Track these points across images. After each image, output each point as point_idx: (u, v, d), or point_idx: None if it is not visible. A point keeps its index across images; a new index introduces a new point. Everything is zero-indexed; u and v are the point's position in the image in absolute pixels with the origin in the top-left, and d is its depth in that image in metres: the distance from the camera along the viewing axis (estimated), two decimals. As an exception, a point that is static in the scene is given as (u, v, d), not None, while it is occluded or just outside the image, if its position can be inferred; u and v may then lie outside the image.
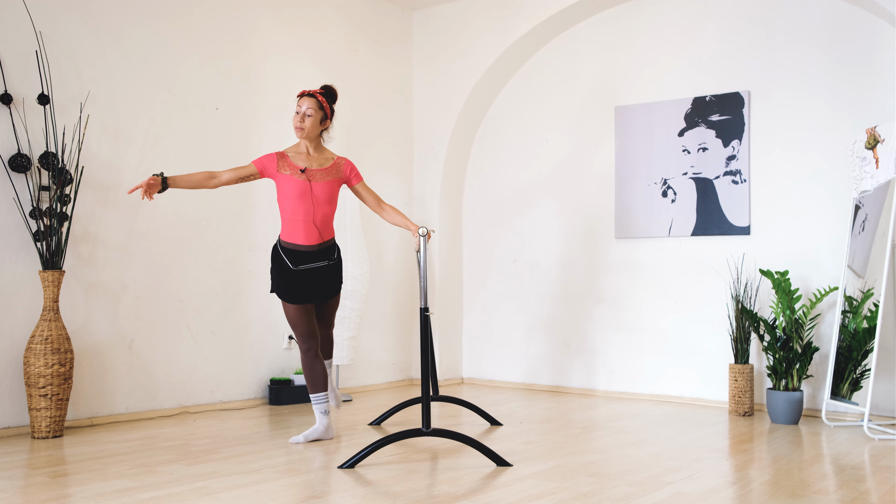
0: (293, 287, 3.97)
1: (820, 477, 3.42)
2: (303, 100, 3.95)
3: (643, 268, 5.75)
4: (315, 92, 3.98)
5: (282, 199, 3.96)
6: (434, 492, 3.12)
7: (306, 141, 3.99)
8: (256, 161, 3.96)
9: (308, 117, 3.93)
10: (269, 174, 3.96)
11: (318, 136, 4.03)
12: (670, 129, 5.63)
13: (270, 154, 3.98)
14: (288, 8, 5.69)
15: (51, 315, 4.17)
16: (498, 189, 6.50)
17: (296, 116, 3.94)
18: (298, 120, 3.93)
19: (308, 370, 4.06)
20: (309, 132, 3.95)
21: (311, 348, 4.05)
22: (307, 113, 3.93)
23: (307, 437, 4.05)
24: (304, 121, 3.93)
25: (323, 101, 3.98)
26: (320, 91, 4.01)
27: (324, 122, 4.00)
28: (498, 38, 6.20)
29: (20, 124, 4.28)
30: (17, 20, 4.31)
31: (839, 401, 4.65)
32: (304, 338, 4.03)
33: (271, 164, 3.94)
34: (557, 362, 6.12)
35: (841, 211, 5.00)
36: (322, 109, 3.97)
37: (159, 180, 3.76)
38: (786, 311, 4.78)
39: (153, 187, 3.73)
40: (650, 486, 3.21)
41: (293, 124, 3.96)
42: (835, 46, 5.05)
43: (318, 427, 4.10)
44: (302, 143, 4.01)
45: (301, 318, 4.00)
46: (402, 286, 6.46)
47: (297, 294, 3.97)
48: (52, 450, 3.86)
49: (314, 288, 4.01)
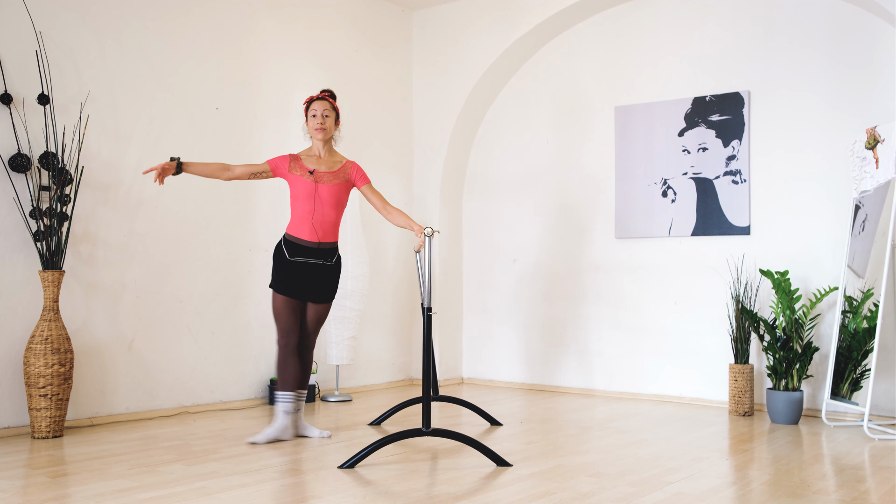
0: (285, 278, 4.04)
1: (820, 477, 3.42)
2: (316, 104, 4.09)
3: (643, 268, 5.75)
4: (326, 95, 4.13)
5: (292, 199, 4.10)
6: (434, 492, 3.12)
7: (320, 143, 4.10)
8: (270, 161, 4.10)
9: (326, 118, 4.08)
10: (280, 174, 4.10)
11: (331, 138, 4.16)
12: (670, 129, 5.63)
13: (284, 155, 4.12)
14: (288, 8, 5.69)
15: (51, 315, 4.17)
16: (498, 189, 6.51)
17: (313, 120, 4.07)
18: (318, 122, 4.06)
19: (281, 365, 4.08)
20: (329, 131, 4.10)
21: (288, 344, 4.08)
22: (324, 114, 4.07)
23: (266, 437, 4.03)
24: (324, 122, 4.07)
25: (333, 102, 4.14)
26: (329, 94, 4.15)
27: (336, 123, 4.15)
28: (498, 38, 6.20)
29: (20, 124, 4.28)
30: (17, 20, 4.31)
31: (839, 401, 4.65)
32: (284, 332, 4.07)
33: (284, 165, 4.08)
34: (557, 362, 6.12)
35: (841, 211, 5.00)
36: (334, 110, 4.12)
37: (174, 165, 3.90)
38: (786, 311, 4.78)
39: (167, 171, 3.89)
40: (650, 486, 3.21)
41: (310, 128, 4.09)
42: (835, 46, 5.05)
43: (277, 425, 4.06)
44: (315, 146, 4.13)
45: (286, 311, 4.06)
46: (402, 286, 6.46)
47: (287, 286, 4.03)
48: (52, 450, 3.86)
49: (305, 285, 4.06)
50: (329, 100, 4.11)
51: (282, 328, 4.07)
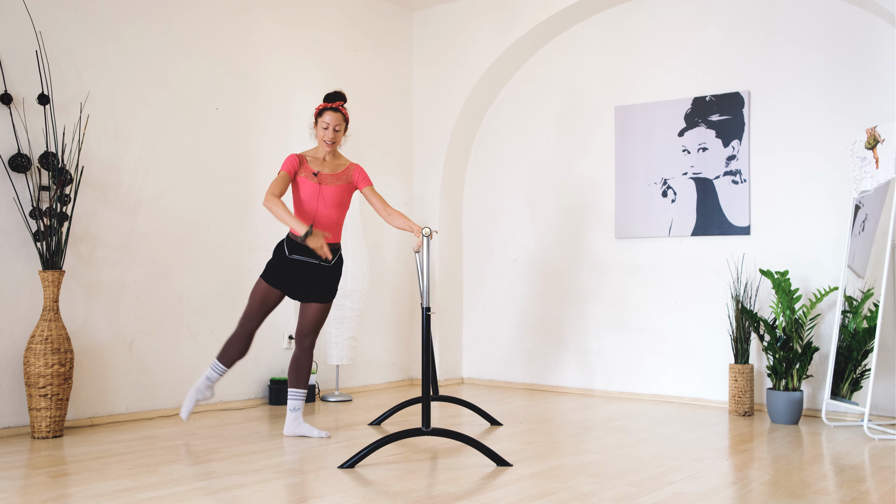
0: (278, 270, 4.08)
1: (820, 477, 3.42)
2: (328, 115, 4.08)
3: (643, 268, 5.75)
4: (339, 106, 4.12)
5: (295, 199, 4.12)
6: (434, 492, 3.12)
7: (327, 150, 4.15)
8: (284, 167, 4.07)
9: (336, 132, 4.10)
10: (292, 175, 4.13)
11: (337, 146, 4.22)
12: (670, 129, 5.63)
13: (292, 157, 4.10)
14: (288, 8, 5.69)
15: (51, 315, 4.17)
16: (498, 189, 6.51)
17: (325, 132, 4.09)
18: (330, 137, 4.08)
19: (230, 341, 4.16)
20: (338, 143, 4.14)
21: (244, 326, 4.14)
22: (335, 128, 4.09)
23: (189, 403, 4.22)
24: (335, 137, 4.10)
25: (345, 112, 4.15)
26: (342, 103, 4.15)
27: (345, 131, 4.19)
28: (498, 38, 6.20)
29: (20, 124, 4.28)
30: (17, 20, 4.31)
31: (839, 401, 4.65)
32: (247, 317, 4.12)
33: (294, 167, 4.10)
34: (557, 362, 6.12)
35: (841, 211, 5.00)
36: (345, 120, 4.14)
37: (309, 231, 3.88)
38: (786, 311, 4.78)
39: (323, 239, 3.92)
40: (650, 486, 3.21)
41: (319, 137, 4.11)
42: (835, 47, 5.05)
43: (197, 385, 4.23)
44: (321, 150, 4.15)
45: (259, 298, 4.09)
46: (402, 286, 6.46)
47: (276, 277, 4.08)
48: (52, 450, 3.86)
49: (297, 281, 4.09)
50: (342, 110, 4.11)
51: (247, 312, 4.13)
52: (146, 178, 4.81)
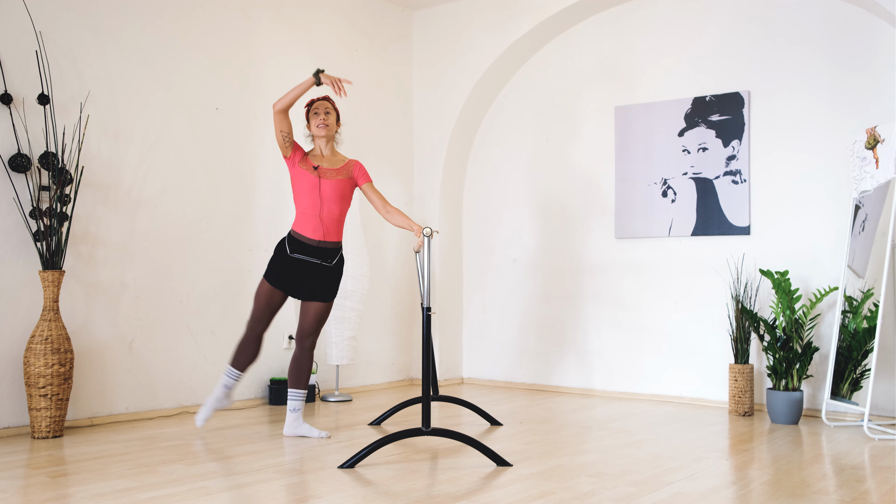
0: (279, 270, 4.10)
1: (820, 477, 3.42)
2: (317, 104, 4.18)
3: (643, 268, 5.75)
4: (325, 96, 4.23)
5: (295, 193, 4.15)
6: (434, 492, 3.12)
7: (323, 142, 4.18)
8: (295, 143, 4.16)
9: (328, 115, 4.16)
10: (293, 158, 4.15)
11: (334, 137, 4.24)
12: (670, 129, 5.63)
13: (300, 147, 4.19)
14: (288, 8, 5.69)
15: (51, 315, 4.17)
16: (498, 189, 6.51)
17: (315, 118, 4.15)
18: (321, 119, 4.14)
19: (241, 345, 4.20)
20: (332, 128, 4.18)
21: (253, 330, 4.18)
22: (326, 111, 4.16)
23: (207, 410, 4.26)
24: (327, 119, 4.15)
25: (333, 102, 4.22)
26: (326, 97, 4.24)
27: (337, 123, 4.24)
28: (498, 38, 6.20)
29: (20, 124, 4.28)
30: (17, 20, 4.31)
31: (839, 401, 4.65)
32: (255, 319, 4.16)
33: (298, 154, 4.15)
34: (557, 362, 6.12)
35: (841, 211, 5.00)
36: (335, 109, 4.22)
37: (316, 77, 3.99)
38: (786, 311, 4.78)
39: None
40: (650, 486, 3.21)
41: (313, 125, 4.15)
42: (834, 47, 5.05)
43: (214, 395, 4.26)
44: (318, 146, 4.20)
45: (264, 299, 4.13)
46: (402, 286, 6.46)
47: (278, 277, 4.10)
48: (52, 450, 3.86)
49: (299, 281, 4.10)
50: (329, 100, 4.21)
51: (253, 315, 4.17)
52: (146, 178, 4.82)
